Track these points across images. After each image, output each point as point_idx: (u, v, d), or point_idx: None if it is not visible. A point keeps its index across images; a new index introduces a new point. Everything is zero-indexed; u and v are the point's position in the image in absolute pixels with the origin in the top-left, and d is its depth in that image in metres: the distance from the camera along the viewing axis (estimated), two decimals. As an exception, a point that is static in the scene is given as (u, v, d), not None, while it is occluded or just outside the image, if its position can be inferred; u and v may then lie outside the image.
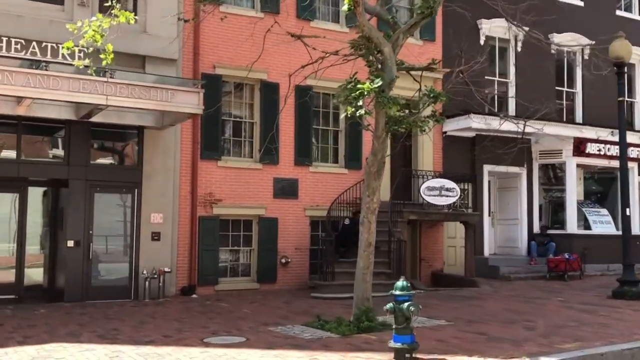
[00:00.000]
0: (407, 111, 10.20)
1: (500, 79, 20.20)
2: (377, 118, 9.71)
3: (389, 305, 7.82)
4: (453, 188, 16.81)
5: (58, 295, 13.89)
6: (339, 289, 14.48)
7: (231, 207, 15.73)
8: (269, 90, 16.35)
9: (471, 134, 18.90)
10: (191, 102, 12.89)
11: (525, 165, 19.70)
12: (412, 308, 7.74)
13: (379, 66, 10.09)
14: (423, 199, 16.60)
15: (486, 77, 19.22)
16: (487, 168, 18.99)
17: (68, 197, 13.88)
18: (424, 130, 10.04)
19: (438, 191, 16.60)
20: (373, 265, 10.65)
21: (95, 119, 13.59)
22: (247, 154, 16.36)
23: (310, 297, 14.45)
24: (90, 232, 13.94)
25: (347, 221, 15.85)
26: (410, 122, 9.95)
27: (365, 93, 8.53)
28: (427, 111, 10.93)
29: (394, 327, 7.87)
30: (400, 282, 7.95)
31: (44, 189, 15.13)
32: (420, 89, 11.06)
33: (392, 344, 7.80)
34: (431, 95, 9.77)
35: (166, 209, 14.73)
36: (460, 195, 16.96)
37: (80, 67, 9.22)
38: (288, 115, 16.52)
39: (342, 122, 17.35)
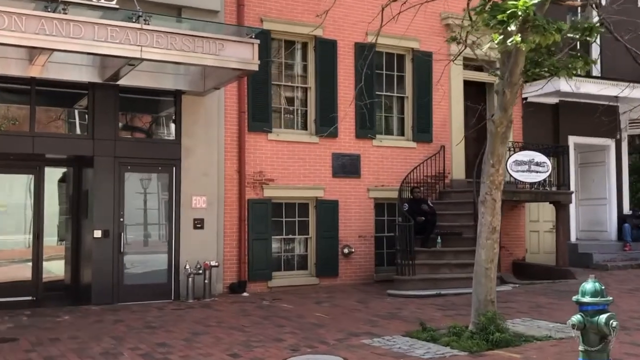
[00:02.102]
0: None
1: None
2: (516, 57, 7.16)
3: (576, 317, 5.29)
4: (544, 162, 14.20)
5: (83, 295, 11.52)
6: (421, 284, 12.01)
7: (284, 189, 13.24)
8: (326, 49, 13.78)
9: (554, 100, 16.30)
10: (244, 55, 10.34)
11: (616, 137, 17.05)
12: (613, 323, 5.23)
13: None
14: (510, 175, 14.00)
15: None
16: (572, 139, 16.37)
17: (93, 177, 11.44)
18: (574, 73, 7.50)
19: (527, 166, 14.00)
20: (498, 257, 8.16)
21: (123, 81, 11.15)
22: (300, 125, 13.83)
23: (387, 294, 11.96)
24: (121, 219, 11.51)
25: (405, 207, 13.09)
26: (554, 64, 7.39)
27: (520, 13, 6.01)
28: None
29: (581, 348, 5.32)
30: (591, 284, 5.41)
31: (64, 169, 12.73)
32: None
33: (581, 373, 5.29)
34: (585, 25, 7.18)
35: (210, 190, 12.26)
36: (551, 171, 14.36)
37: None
38: (347, 80, 13.99)
39: (409, 87, 14.77)
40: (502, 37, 6.42)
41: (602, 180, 17.28)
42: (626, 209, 17.28)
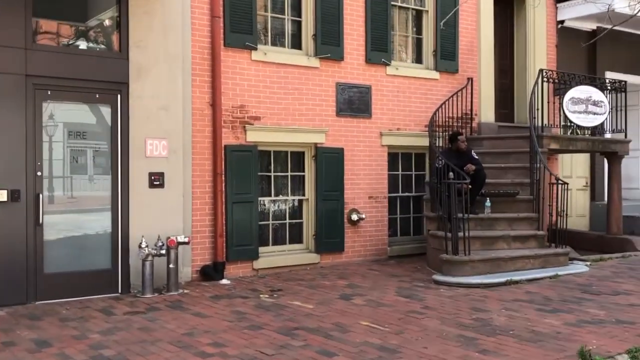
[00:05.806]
0: None
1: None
2: None
3: None
4: (601, 101, 11.06)
5: (-21, 290, 7.42)
6: (480, 267, 8.54)
7: (274, 131, 9.42)
8: (329, -63, 9.90)
9: (592, 26, 13.14)
10: None
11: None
12: None
13: None
14: (565, 116, 10.75)
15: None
16: (610, 76, 13.26)
17: (-8, 107, 7.24)
18: None
19: (584, 105, 10.79)
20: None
21: (40, -46, 6.95)
22: (293, 43, 9.95)
23: (434, 282, 8.44)
24: (38, 173, 7.42)
25: (439, 163, 9.14)
26: None
27: None
28: None
29: None
30: None
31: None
32: None
33: None
34: None
35: (172, 131, 8.30)
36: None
37: None
38: (354, -17, 10.21)
39: (431, -3, 11.10)
40: None
41: (634, 127, 14.35)
42: (659, 163, 14.53)
